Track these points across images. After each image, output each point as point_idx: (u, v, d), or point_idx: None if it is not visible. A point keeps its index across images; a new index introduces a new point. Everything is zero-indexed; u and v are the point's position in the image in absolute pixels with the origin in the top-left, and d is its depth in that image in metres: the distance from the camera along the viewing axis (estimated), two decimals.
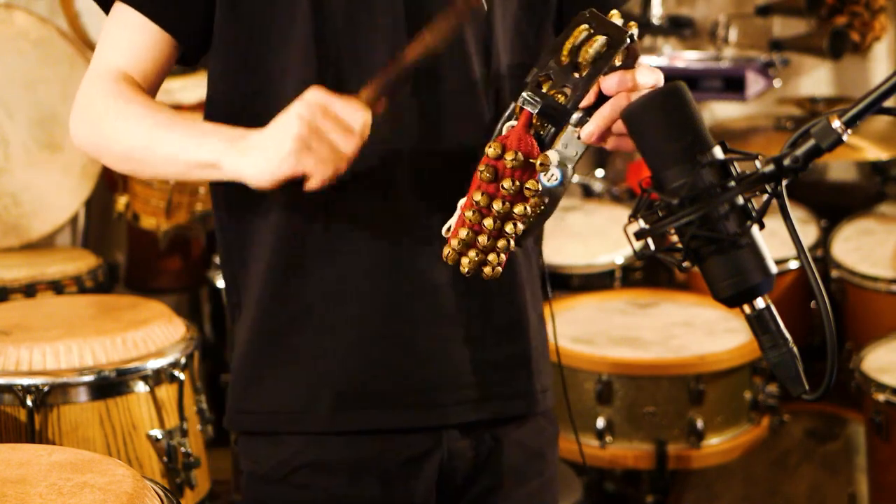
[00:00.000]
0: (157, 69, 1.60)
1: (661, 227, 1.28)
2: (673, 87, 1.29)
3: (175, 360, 2.22)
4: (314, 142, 1.42)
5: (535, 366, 1.71)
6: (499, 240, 1.45)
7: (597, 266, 3.30)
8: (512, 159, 1.41)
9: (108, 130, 1.56)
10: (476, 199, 1.43)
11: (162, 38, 1.58)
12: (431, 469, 1.66)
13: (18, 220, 3.20)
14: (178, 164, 1.52)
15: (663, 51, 3.80)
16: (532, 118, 1.43)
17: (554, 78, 1.42)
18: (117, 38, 1.60)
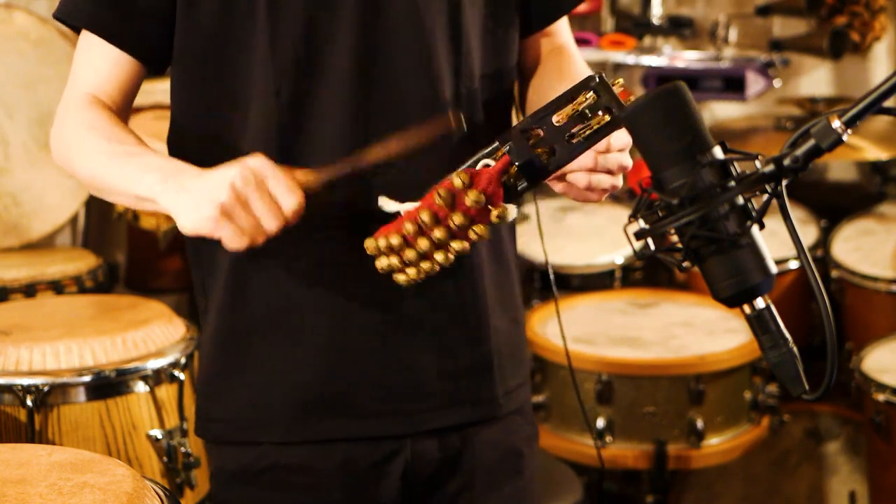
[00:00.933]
0: (124, 88, 1.62)
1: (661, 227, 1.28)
2: (673, 87, 1.29)
3: (175, 360, 2.23)
4: (237, 212, 1.40)
5: (499, 371, 1.69)
6: (423, 261, 1.43)
7: (597, 266, 3.30)
8: (474, 200, 1.39)
9: (74, 159, 1.59)
10: (422, 217, 1.40)
11: (123, 58, 1.60)
12: (396, 471, 1.65)
13: (18, 220, 3.20)
14: (126, 197, 1.54)
15: (663, 51, 3.80)
16: (510, 167, 1.42)
17: (545, 134, 1.41)
18: (84, 61, 1.62)
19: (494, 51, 1.66)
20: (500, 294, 1.70)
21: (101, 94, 1.61)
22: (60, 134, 1.61)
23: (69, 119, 1.60)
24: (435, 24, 1.59)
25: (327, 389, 1.62)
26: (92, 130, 1.57)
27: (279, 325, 1.61)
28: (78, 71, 1.62)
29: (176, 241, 3.53)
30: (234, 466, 1.66)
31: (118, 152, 1.53)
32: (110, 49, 1.60)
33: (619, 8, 3.92)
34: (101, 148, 1.55)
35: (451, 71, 1.60)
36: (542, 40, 1.74)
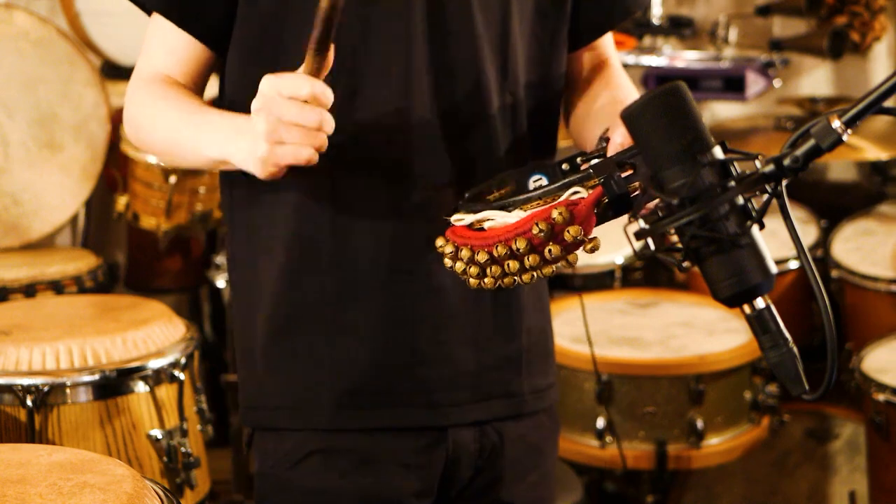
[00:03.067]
0: (195, 70, 1.66)
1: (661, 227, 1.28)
2: (673, 87, 1.29)
3: (175, 360, 2.22)
4: (283, 132, 1.43)
5: (527, 367, 1.73)
6: (506, 277, 1.46)
7: (597, 266, 3.30)
8: (574, 235, 1.39)
9: (147, 131, 1.65)
10: (518, 245, 1.42)
11: (191, 43, 1.64)
12: (438, 461, 1.69)
13: (18, 220, 3.20)
14: (200, 161, 1.60)
15: (663, 51, 3.80)
16: (602, 198, 1.41)
17: (636, 170, 1.39)
18: (153, 44, 1.66)
19: (540, 62, 1.69)
20: (533, 294, 1.74)
21: (171, 74, 1.65)
22: (130, 112, 1.66)
23: (136, 92, 1.65)
24: (486, 30, 1.62)
25: (369, 381, 1.66)
26: (163, 100, 1.61)
27: (324, 319, 1.65)
28: (149, 50, 1.67)
29: (176, 241, 3.54)
30: (275, 457, 1.70)
31: (186, 117, 1.58)
32: (178, 34, 1.63)
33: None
34: (171, 116, 1.60)
35: (498, 77, 1.64)
36: (587, 54, 1.78)
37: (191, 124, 1.58)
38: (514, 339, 1.71)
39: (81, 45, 3.46)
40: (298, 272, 1.65)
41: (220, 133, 1.53)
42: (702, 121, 1.30)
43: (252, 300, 1.71)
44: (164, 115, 1.61)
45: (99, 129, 3.25)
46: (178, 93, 1.62)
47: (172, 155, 1.65)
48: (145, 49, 1.67)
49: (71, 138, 3.23)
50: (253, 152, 1.46)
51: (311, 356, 1.67)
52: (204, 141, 1.55)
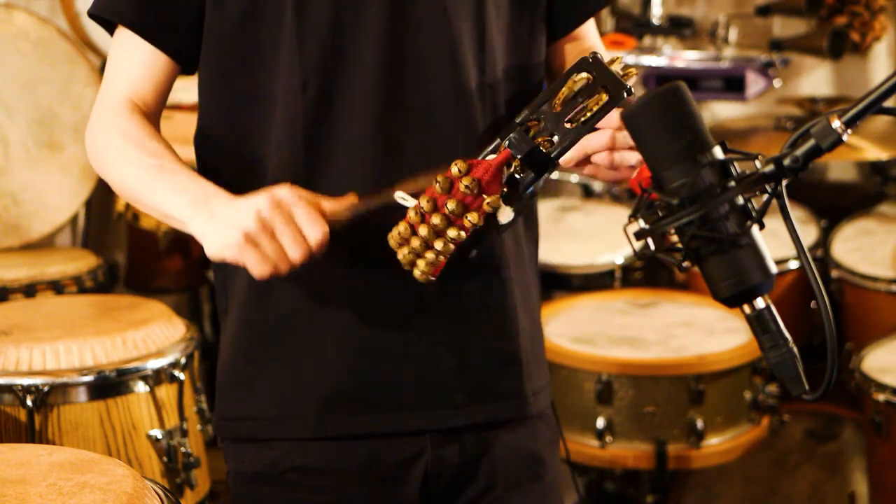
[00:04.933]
0: (158, 88, 1.63)
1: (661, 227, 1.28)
2: (673, 87, 1.29)
3: (175, 360, 2.22)
4: (262, 240, 1.41)
5: (526, 368, 1.70)
6: (427, 250, 1.45)
7: (597, 266, 3.30)
8: (466, 185, 1.40)
9: (108, 167, 1.61)
10: (422, 204, 1.42)
11: (157, 57, 1.62)
12: (416, 475, 1.65)
13: (18, 220, 3.20)
14: (156, 212, 1.56)
15: (663, 51, 3.80)
16: (512, 160, 1.42)
17: (544, 123, 1.42)
18: (119, 60, 1.64)
19: (518, 51, 1.67)
20: (523, 298, 1.71)
21: (135, 93, 1.62)
22: (95, 136, 1.63)
23: (104, 122, 1.61)
24: (461, 21, 1.60)
25: (350, 385, 1.63)
26: (126, 139, 1.58)
27: (301, 322, 1.62)
28: (113, 69, 1.64)
29: (176, 241, 3.53)
30: (253, 468, 1.66)
31: (151, 166, 1.55)
32: (145, 48, 1.61)
33: (619, 8, 3.92)
34: (134, 159, 1.56)
35: (476, 67, 1.62)
36: (569, 45, 1.76)
37: (153, 174, 1.54)
38: (510, 340, 1.68)
39: (81, 45, 3.46)
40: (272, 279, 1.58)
41: (183, 193, 1.50)
42: (702, 121, 1.30)
43: (228, 310, 1.68)
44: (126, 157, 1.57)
45: None
46: (141, 129, 1.58)
47: (129, 197, 1.60)
48: (109, 71, 1.64)
49: (71, 138, 3.23)
50: (220, 230, 1.43)
51: (288, 364, 1.63)
52: (163, 195, 1.52)
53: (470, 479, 1.68)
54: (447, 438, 1.66)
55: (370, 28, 1.57)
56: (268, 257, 1.42)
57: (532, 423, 1.72)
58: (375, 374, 1.62)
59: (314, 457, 1.64)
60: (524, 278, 1.71)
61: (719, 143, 1.29)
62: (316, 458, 1.64)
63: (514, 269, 1.68)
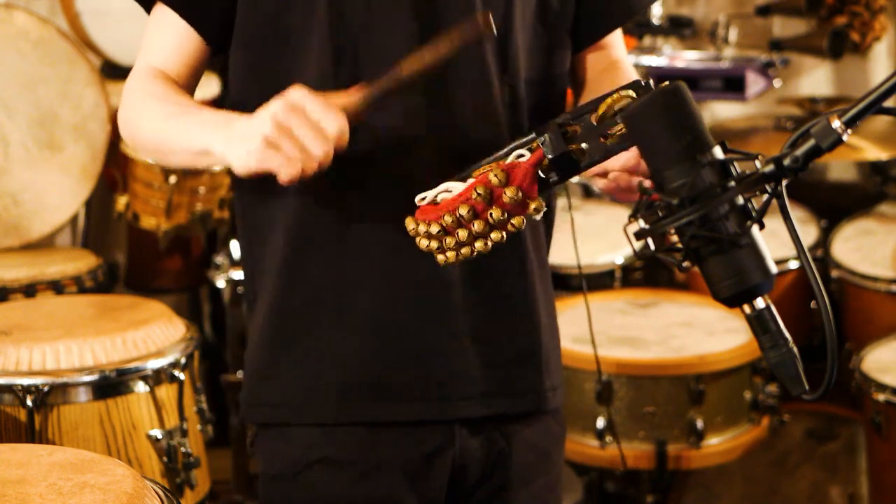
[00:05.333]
0: (189, 65, 1.67)
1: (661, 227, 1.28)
2: (673, 87, 1.29)
3: (175, 360, 2.22)
4: (283, 141, 1.43)
5: (545, 363, 1.72)
6: (463, 247, 1.46)
7: (597, 266, 3.30)
8: (511, 196, 1.41)
9: (136, 126, 1.65)
10: (461, 212, 1.43)
11: (189, 35, 1.64)
12: (444, 467, 1.67)
13: (18, 220, 3.20)
14: (184, 153, 1.59)
15: (663, 51, 3.80)
16: (543, 160, 1.42)
17: (581, 131, 1.42)
18: (152, 37, 1.67)
19: (541, 58, 1.69)
20: (544, 292, 1.73)
21: (166, 66, 1.65)
22: (124, 107, 1.66)
23: (133, 89, 1.65)
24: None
25: (375, 372, 1.65)
26: (152, 97, 1.62)
27: (328, 309, 1.65)
28: (147, 45, 1.67)
29: (176, 241, 3.54)
30: (280, 464, 1.68)
31: (175, 112, 1.58)
32: (179, 24, 1.64)
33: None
34: (159, 111, 1.60)
35: (498, 68, 1.64)
36: (595, 54, 1.77)
37: (178, 117, 1.58)
38: (530, 333, 1.70)
39: (81, 45, 3.46)
40: (300, 264, 1.64)
41: (206, 125, 1.54)
42: (702, 121, 1.30)
43: (256, 295, 1.70)
44: (153, 110, 1.61)
45: (99, 129, 3.25)
46: (168, 88, 1.62)
47: (159, 149, 1.63)
48: (143, 46, 1.68)
49: (71, 138, 3.23)
50: (242, 143, 1.46)
51: (314, 349, 1.66)
52: (188, 132, 1.55)
53: (491, 474, 1.71)
54: (472, 431, 1.68)
55: (399, 28, 1.59)
56: (291, 158, 1.43)
57: (546, 420, 1.75)
58: (399, 362, 1.65)
59: (340, 447, 1.66)
60: (543, 271, 1.74)
61: (719, 143, 1.30)
62: (341, 448, 1.66)
63: (536, 263, 1.70)
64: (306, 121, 1.43)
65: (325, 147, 1.43)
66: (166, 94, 1.61)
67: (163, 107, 1.60)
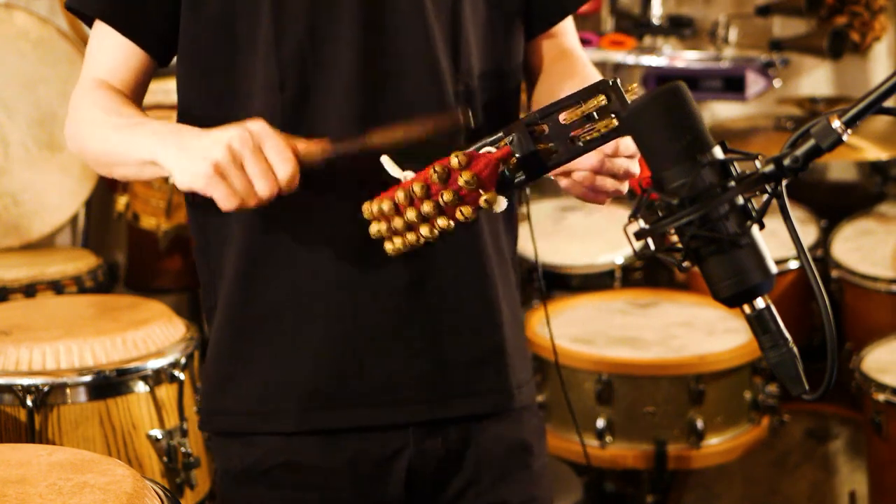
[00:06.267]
0: (135, 77, 1.65)
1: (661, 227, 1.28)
2: (673, 87, 1.29)
3: (175, 360, 2.23)
4: (231, 173, 1.41)
5: (510, 361, 1.70)
6: (409, 231, 1.44)
7: (597, 266, 3.30)
8: (466, 181, 1.40)
9: (83, 137, 1.62)
10: (414, 188, 1.41)
11: (132, 49, 1.63)
12: (400, 469, 1.66)
13: (18, 220, 3.20)
14: (131, 165, 1.56)
15: (663, 51, 3.80)
16: (510, 157, 1.42)
17: (550, 131, 1.42)
18: (95, 50, 1.65)
19: (494, 51, 1.67)
20: (504, 287, 1.71)
21: (112, 80, 1.64)
22: (71, 118, 1.64)
23: (79, 101, 1.63)
24: (436, 21, 1.60)
25: (333, 380, 1.63)
26: (99, 109, 1.59)
27: (284, 317, 1.63)
28: (90, 60, 1.66)
29: (176, 241, 3.54)
30: (240, 465, 1.67)
31: (121, 123, 1.56)
32: (120, 40, 1.63)
33: (619, 8, 3.92)
34: (105, 122, 1.58)
35: (451, 68, 1.62)
36: (547, 42, 1.75)
37: (125, 128, 1.55)
38: (493, 333, 1.68)
39: (81, 45, 3.46)
40: (255, 272, 1.63)
41: (155, 135, 1.51)
42: (702, 121, 1.29)
43: (216, 306, 1.69)
44: (100, 122, 1.59)
45: None
46: (115, 99, 1.60)
47: (106, 161, 1.60)
48: (87, 58, 1.66)
49: None
50: (191, 161, 1.43)
51: (270, 359, 1.64)
52: (136, 143, 1.53)
53: (454, 472, 1.69)
54: (430, 431, 1.66)
55: (345, 28, 1.57)
56: (236, 191, 1.42)
57: (517, 413, 1.73)
58: (357, 368, 1.63)
59: (299, 453, 1.65)
60: (504, 270, 1.72)
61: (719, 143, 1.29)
62: (301, 455, 1.65)
63: (495, 260, 1.69)
64: (259, 158, 1.41)
65: (272, 190, 1.42)
66: (113, 106, 1.59)
67: (110, 118, 1.57)
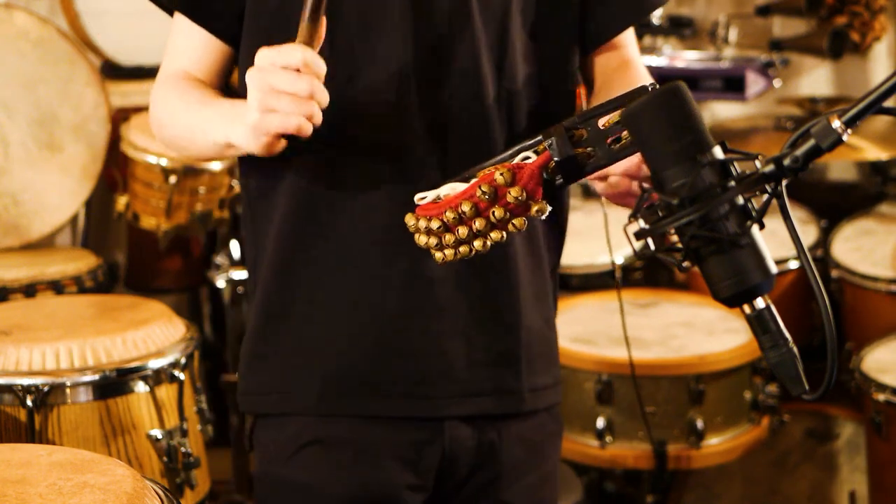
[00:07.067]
0: (215, 66, 1.72)
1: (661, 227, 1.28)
2: (673, 87, 1.29)
3: (175, 360, 2.22)
4: (272, 100, 1.45)
5: (527, 365, 1.72)
6: (462, 245, 1.46)
7: (597, 266, 3.30)
8: (516, 196, 1.41)
9: (164, 124, 1.70)
10: (463, 208, 1.43)
11: (208, 37, 1.69)
12: (433, 456, 1.69)
13: (18, 220, 3.20)
14: (211, 148, 1.62)
15: (663, 51, 3.80)
16: (549, 163, 1.43)
17: (589, 135, 1.42)
18: (175, 43, 1.72)
19: (544, 60, 1.69)
20: (535, 292, 1.73)
21: (192, 71, 1.70)
22: (153, 111, 1.71)
23: (159, 91, 1.70)
24: (484, 26, 1.64)
25: (361, 369, 1.67)
26: (175, 92, 1.67)
27: (317, 304, 1.67)
28: (171, 50, 1.73)
29: (176, 241, 3.54)
30: (274, 447, 1.72)
31: (194, 108, 1.63)
32: (197, 30, 1.69)
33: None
34: (180, 104, 1.66)
35: (494, 73, 1.65)
36: (606, 54, 1.77)
37: (202, 114, 1.62)
38: (511, 335, 1.70)
39: (81, 45, 3.46)
40: (290, 256, 1.67)
41: (225, 117, 1.57)
42: (702, 121, 1.30)
43: (253, 289, 1.74)
44: (180, 110, 1.65)
45: (99, 129, 3.25)
46: (193, 87, 1.66)
47: (189, 147, 1.68)
48: (168, 49, 1.73)
49: (71, 138, 3.23)
50: (245, 126, 1.49)
51: (301, 342, 1.69)
52: (211, 126, 1.59)
53: (481, 466, 1.72)
54: (465, 423, 1.70)
55: (394, 27, 1.61)
56: (286, 110, 1.45)
57: (540, 417, 1.76)
58: (384, 359, 1.67)
59: (331, 431, 1.69)
60: (538, 276, 1.74)
61: (719, 143, 1.29)
62: (333, 432, 1.69)
63: (527, 265, 1.71)
64: (278, 70, 1.45)
65: (310, 84, 1.45)
66: (191, 92, 1.65)
67: (189, 105, 1.64)
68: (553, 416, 1.79)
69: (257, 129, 1.47)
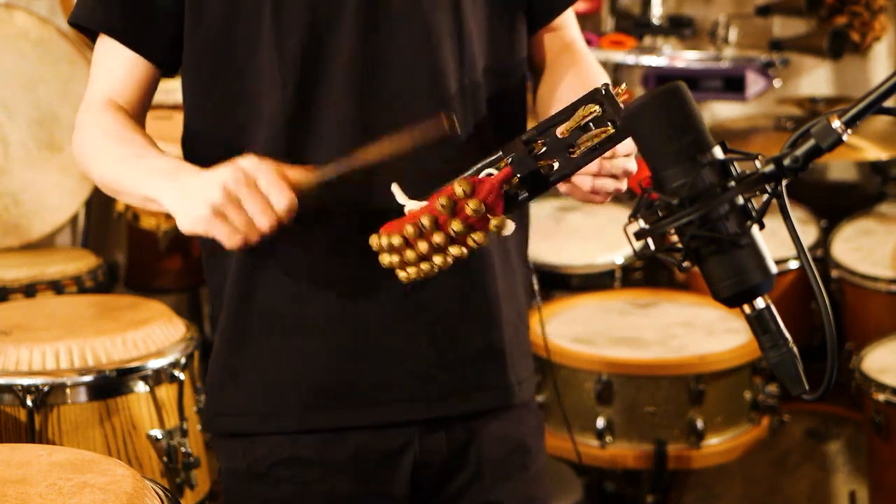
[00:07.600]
0: (140, 90, 1.67)
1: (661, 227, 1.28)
2: (673, 87, 1.29)
3: (175, 360, 2.22)
4: (230, 212, 1.42)
5: (510, 358, 1.72)
6: (423, 262, 1.45)
7: (597, 266, 3.30)
8: (474, 209, 1.40)
9: (91, 163, 1.65)
10: (423, 222, 1.42)
11: (137, 60, 1.65)
12: (406, 465, 1.67)
13: (18, 220, 3.20)
14: (134, 197, 1.59)
15: (663, 51, 3.80)
16: (512, 177, 1.43)
17: (548, 146, 1.42)
18: (100, 65, 1.67)
19: (498, 45, 1.68)
20: (507, 288, 1.72)
21: (117, 96, 1.65)
22: (79, 139, 1.67)
23: (86, 124, 1.65)
24: (437, 17, 1.61)
25: (335, 379, 1.65)
26: (105, 136, 1.62)
27: (287, 317, 1.65)
28: (95, 75, 1.67)
29: (176, 241, 3.54)
30: (243, 464, 1.69)
31: (127, 155, 1.58)
32: (125, 52, 1.64)
33: (619, 8, 3.92)
34: (112, 152, 1.60)
35: (455, 64, 1.62)
36: (549, 36, 1.76)
37: (129, 162, 1.57)
38: (493, 331, 1.69)
39: (81, 45, 3.46)
40: (255, 273, 1.64)
41: (157, 174, 1.53)
42: (702, 121, 1.30)
43: (215, 308, 1.71)
44: (106, 152, 1.61)
45: None
46: (120, 125, 1.62)
47: (111, 189, 1.63)
48: (93, 74, 1.68)
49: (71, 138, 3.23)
50: (191, 205, 1.45)
51: (272, 359, 1.66)
52: (143, 182, 1.55)
53: (458, 469, 1.71)
54: (434, 428, 1.68)
55: (346, 26, 1.58)
56: (237, 229, 1.43)
57: (518, 412, 1.75)
58: (359, 367, 1.65)
59: (302, 450, 1.66)
60: (508, 268, 1.73)
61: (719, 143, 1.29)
62: (304, 451, 1.66)
63: (497, 259, 1.70)
64: (256, 193, 1.42)
65: (271, 222, 1.43)
66: (119, 133, 1.61)
67: (115, 148, 1.60)
68: (531, 411, 1.78)
69: (197, 221, 1.44)
